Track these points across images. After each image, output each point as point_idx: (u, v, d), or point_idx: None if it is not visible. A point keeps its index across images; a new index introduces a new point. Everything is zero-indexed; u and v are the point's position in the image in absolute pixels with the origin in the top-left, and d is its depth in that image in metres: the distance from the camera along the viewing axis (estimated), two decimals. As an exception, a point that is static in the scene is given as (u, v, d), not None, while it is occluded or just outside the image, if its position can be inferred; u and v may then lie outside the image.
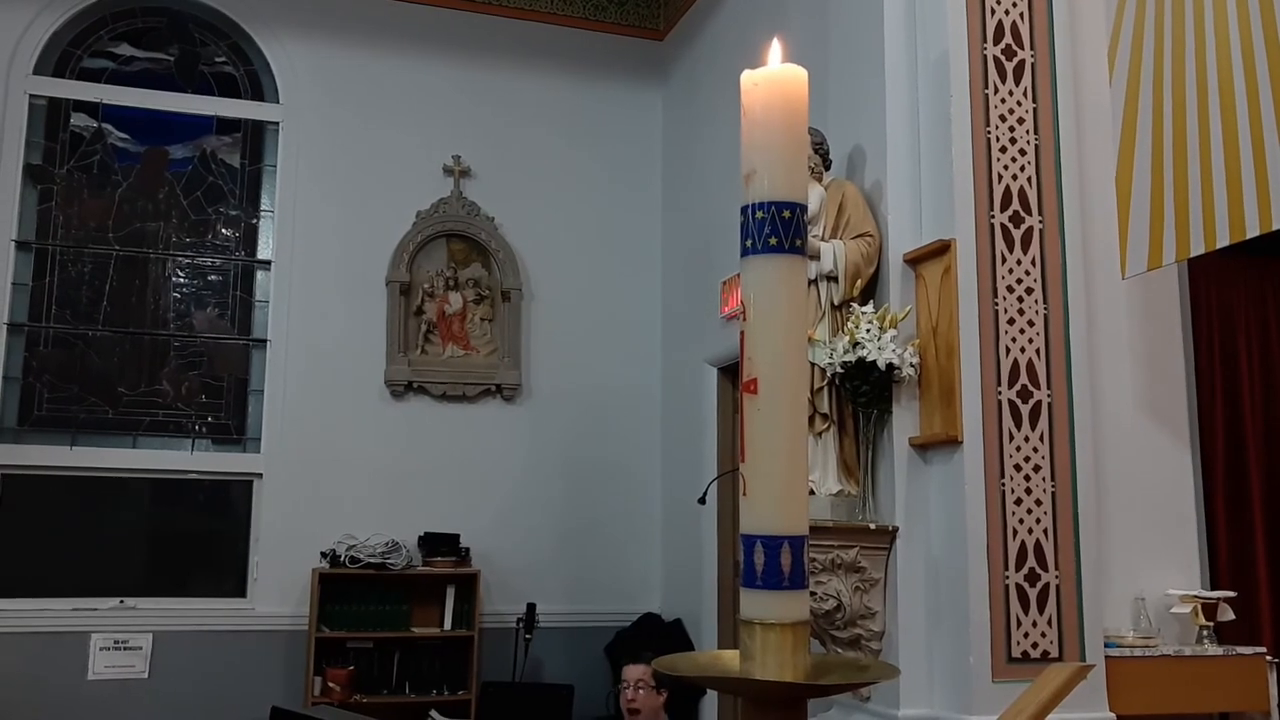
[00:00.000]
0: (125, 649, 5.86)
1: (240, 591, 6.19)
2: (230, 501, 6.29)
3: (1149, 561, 3.90)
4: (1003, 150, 3.76)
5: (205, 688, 5.84)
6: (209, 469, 6.26)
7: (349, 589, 6.03)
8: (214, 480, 6.28)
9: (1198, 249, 3.58)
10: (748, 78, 1.23)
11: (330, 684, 5.78)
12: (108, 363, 6.23)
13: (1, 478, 5.93)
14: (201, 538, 6.24)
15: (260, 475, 6.25)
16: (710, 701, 5.84)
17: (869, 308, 3.80)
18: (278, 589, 6.11)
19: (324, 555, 6.04)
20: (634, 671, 4.33)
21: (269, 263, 6.48)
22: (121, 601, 5.97)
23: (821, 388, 3.86)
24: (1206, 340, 4.36)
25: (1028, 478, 3.61)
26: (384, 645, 6.05)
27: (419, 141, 6.69)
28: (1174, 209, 3.65)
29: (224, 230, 6.56)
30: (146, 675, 5.87)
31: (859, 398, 3.79)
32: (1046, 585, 3.57)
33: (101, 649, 5.83)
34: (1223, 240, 3.47)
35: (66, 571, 5.95)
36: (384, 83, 6.70)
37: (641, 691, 4.28)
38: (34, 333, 6.12)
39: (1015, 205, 3.75)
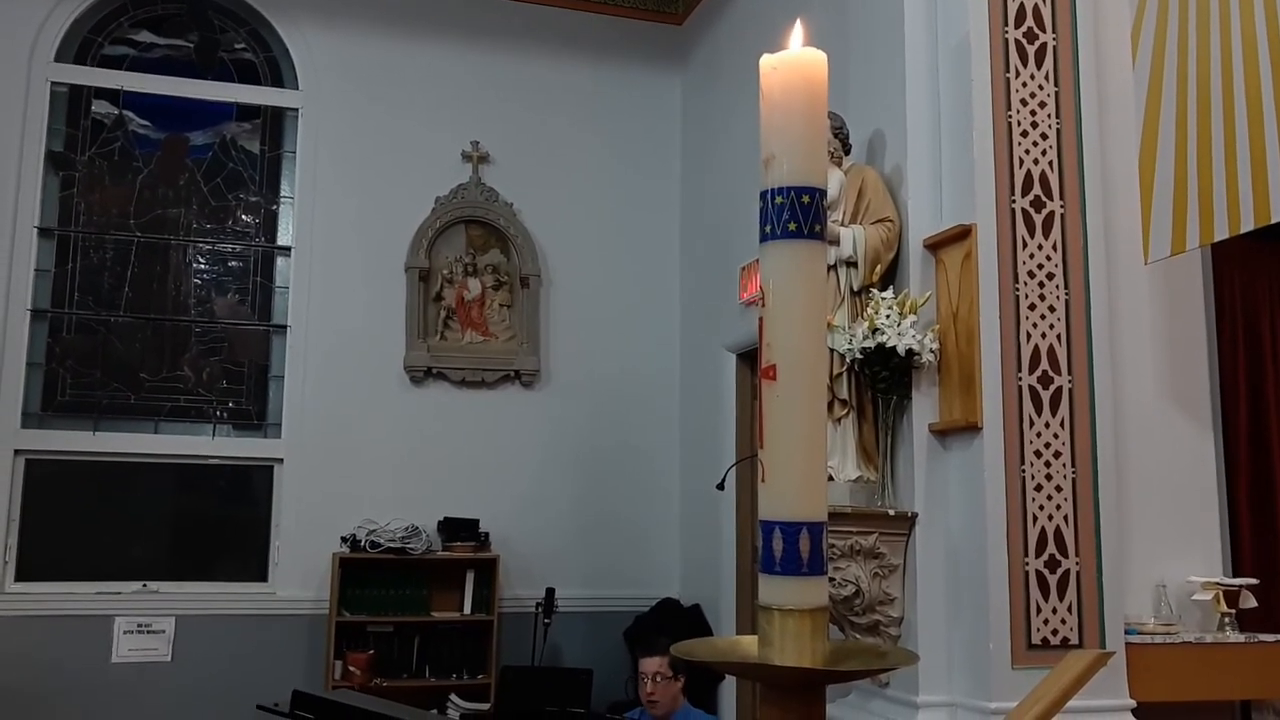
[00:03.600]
0: (148, 632, 5.92)
1: (261, 576, 6.23)
2: (251, 486, 6.33)
3: (1170, 548, 3.88)
4: (1024, 134, 3.73)
5: (227, 671, 5.89)
6: (230, 454, 6.30)
7: (369, 573, 6.06)
8: (235, 465, 6.33)
9: (1222, 233, 3.55)
10: (767, 62, 1.22)
11: (351, 668, 5.82)
12: (129, 348, 6.27)
13: (25, 463, 5.98)
14: (223, 522, 6.29)
15: (281, 460, 6.29)
16: (729, 687, 5.85)
17: (889, 293, 3.78)
18: (299, 573, 6.15)
19: (344, 540, 6.08)
20: (650, 664, 4.29)
21: (289, 249, 6.51)
22: (144, 585, 6.02)
23: (841, 373, 3.85)
24: (1230, 325, 4.32)
25: (1048, 464, 3.59)
26: (404, 629, 6.09)
27: (438, 127, 6.70)
28: (1198, 193, 3.61)
29: (244, 216, 6.59)
30: (169, 658, 5.92)
31: (878, 384, 3.77)
32: (1067, 572, 3.55)
33: (125, 632, 5.88)
34: (1247, 224, 3.44)
35: (90, 556, 6.01)
36: (403, 69, 6.70)
37: (659, 682, 4.26)
38: (57, 319, 6.17)
39: (1036, 190, 3.72)
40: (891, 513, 3.74)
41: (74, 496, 6.07)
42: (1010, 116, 3.73)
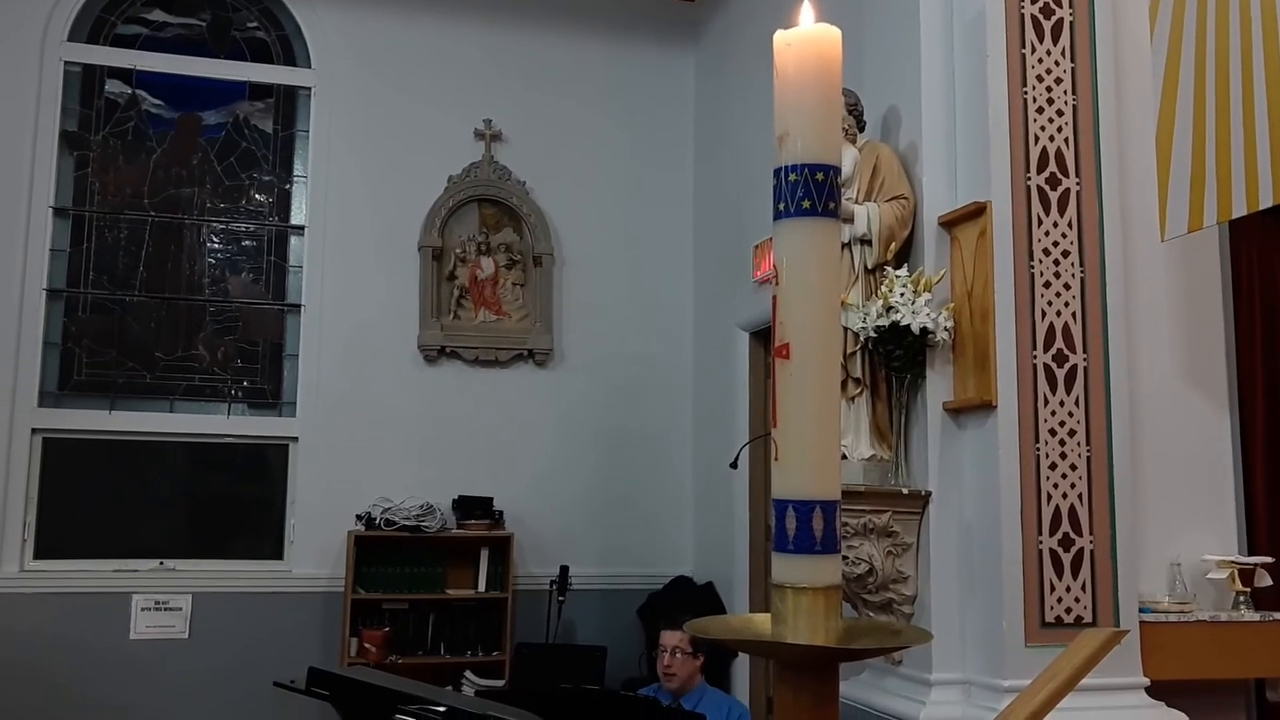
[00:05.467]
0: (166, 609, 5.97)
1: (277, 554, 6.27)
2: (267, 465, 6.36)
3: (1185, 526, 3.87)
4: (1040, 111, 3.71)
5: (243, 648, 5.94)
6: (245, 433, 6.33)
7: (384, 551, 6.09)
8: (250, 444, 6.35)
9: (1239, 210, 3.52)
10: (781, 38, 1.21)
11: (366, 645, 5.86)
12: (145, 328, 6.29)
13: (43, 441, 6.02)
14: (239, 501, 6.32)
15: (296, 439, 6.32)
16: (742, 664, 5.87)
17: (903, 271, 3.77)
18: (314, 551, 6.19)
19: (359, 518, 6.11)
20: (671, 638, 4.28)
21: (302, 228, 6.52)
22: (161, 563, 6.07)
23: (854, 352, 3.84)
24: (1247, 303, 4.29)
25: (1063, 442, 3.58)
26: (419, 607, 6.12)
27: (450, 106, 6.68)
28: (1215, 170, 3.58)
29: (258, 196, 6.59)
30: (186, 635, 5.97)
31: (892, 362, 3.76)
32: (1080, 550, 3.55)
33: (143, 609, 5.93)
34: (1266, 201, 3.41)
35: (108, 533, 6.05)
36: (415, 47, 6.68)
37: (679, 657, 4.25)
38: (72, 298, 6.19)
39: (1052, 167, 3.69)
40: (905, 491, 3.74)
41: (91, 475, 6.11)
42: (1026, 93, 3.70)
